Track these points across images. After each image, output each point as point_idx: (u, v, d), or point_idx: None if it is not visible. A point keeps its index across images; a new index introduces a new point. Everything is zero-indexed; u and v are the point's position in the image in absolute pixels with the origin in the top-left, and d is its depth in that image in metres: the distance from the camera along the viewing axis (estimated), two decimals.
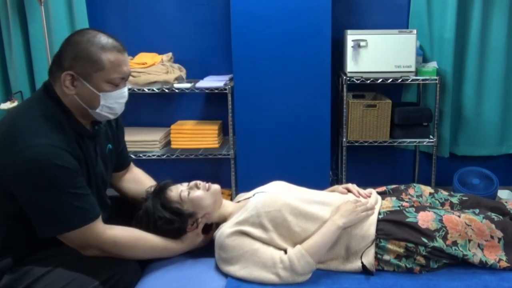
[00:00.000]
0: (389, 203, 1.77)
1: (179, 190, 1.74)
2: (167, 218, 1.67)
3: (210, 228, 1.79)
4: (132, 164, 2.02)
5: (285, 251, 1.60)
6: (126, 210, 1.83)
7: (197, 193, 1.73)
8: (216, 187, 1.78)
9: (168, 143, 3.29)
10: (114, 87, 1.57)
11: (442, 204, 1.87)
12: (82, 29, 1.61)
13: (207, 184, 1.77)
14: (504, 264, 1.62)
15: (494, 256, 1.64)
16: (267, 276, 1.57)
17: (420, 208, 1.73)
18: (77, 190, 1.49)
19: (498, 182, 3.20)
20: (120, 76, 1.57)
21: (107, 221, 1.63)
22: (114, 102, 1.59)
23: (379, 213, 1.71)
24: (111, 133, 1.81)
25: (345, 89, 3.05)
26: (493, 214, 1.73)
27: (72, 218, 1.48)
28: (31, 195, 1.46)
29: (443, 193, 1.92)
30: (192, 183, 1.77)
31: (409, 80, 3.07)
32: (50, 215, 1.47)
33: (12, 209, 1.50)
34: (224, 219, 1.77)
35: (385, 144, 3.17)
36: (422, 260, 1.62)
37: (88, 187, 1.56)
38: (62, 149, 1.47)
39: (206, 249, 1.75)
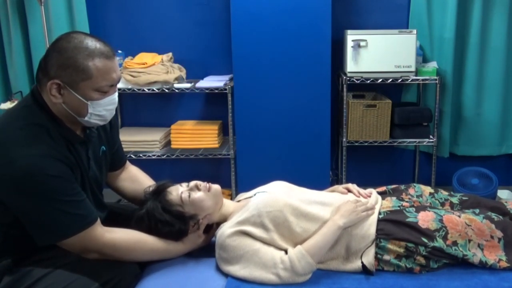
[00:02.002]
0: (389, 203, 1.77)
1: (179, 192, 1.71)
2: (168, 222, 1.66)
3: (211, 227, 1.79)
4: (128, 163, 2.00)
5: (286, 252, 1.61)
6: (124, 214, 1.82)
7: (198, 194, 1.71)
8: (216, 187, 1.76)
9: (168, 143, 3.29)
10: (102, 94, 1.52)
11: (442, 204, 1.87)
12: (68, 34, 1.52)
13: (207, 185, 1.75)
14: (504, 264, 1.62)
15: (494, 256, 1.64)
16: (268, 276, 1.57)
17: (420, 208, 1.73)
18: (71, 197, 1.47)
19: (497, 181, 3.20)
20: (109, 84, 1.52)
21: (106, 221, 1.63)
22: (103, 109, 1.55)
23: (379, 213, 1.71)
24: (105, 135, 1.77)
25: (345, 89, 3.05)
26: (493, 214, 1.73)
27: (69, 225, 1.47)
28: (25, 207, 1.44)
29: (443, 193, 1.92)
30: (192, 183, 1.75)
31: (409, 80, 3.07)
32: (47, 225, 1.46)
33: (7, 218, 1.49)
34: (224, 219, 1.76)
35: (385, 144, 3.18)
36: (422, 260, 1.62)
37: (83, 191, 1.54)
38: (53, 157, 1.44)
39: (206, 249, 1.75)
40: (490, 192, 3.16)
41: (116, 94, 1.59)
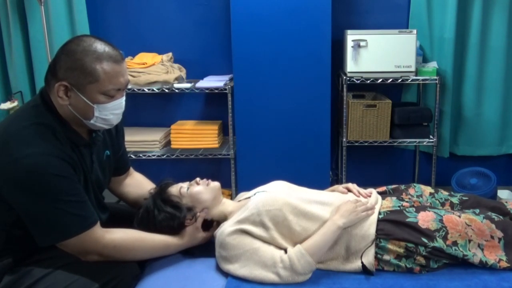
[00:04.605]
0: (389, 203, 1.77)
1: (179, 187, 1.77)
2: (165, 211, 1.70)
3: (211, 225, 1.80)
4: (132, 169, 2.01)
5: (285, 251, 1.61)
6: (124, 214, 1.83)
7: (196, 188, 1.76)
8: (215, 183, 1.81)
9: (168, 143, 3.29)
10: (109, 98, 1.52)
11: (442, 204, 1.87)
12: (78, 37, 1.53)
13: (207, 181, 1.80)
14: (504, 264, 1.62)
15: (494, 256, 1.64)
16: (267, 275, 1.57)
17: (420, 208, 1.73)
18: (73, 197, 1.47)
19: (496, 179, 3.19)
20: (115, 88, 1.52)
21: (107, 223, 1.63)
22: (109, 113, 1.55)
23: (379, 213, 1.71)
24: (110, 139, 1.78)
25: (345, 89, 3.05)
26: (493, 214, 1.73)
27: (70, 226, 1.47)
28: (27, 205, 1.44)
29: (443, 193, 1.92)
30: (193, 181, 1.80)
31: (409, 80, 3.07)
32: (48, 224, 1.46)
33: (10, 217, 1.49)
34: (224, 217, 1.77)
35: (385, 144, 3.17)
36: (422, 260, 1.62)
37: (85, 193, 1.54)
38: (57, 157, 1.45)
39: (206, 249, 1.76)
40: (490, 190, 3.15)
41: (124, 98, 1.59)
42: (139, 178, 2.00)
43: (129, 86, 3.06)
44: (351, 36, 2.98)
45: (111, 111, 1.55)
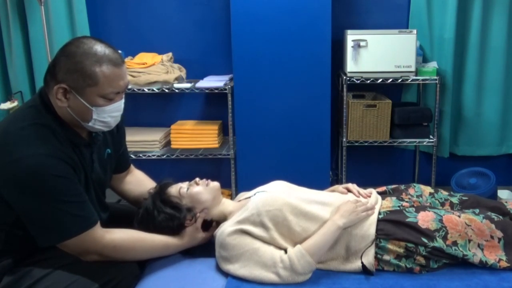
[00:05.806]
0: (389, 203, 1.77)
1: (178, 187, 1.77)
2: (165, 212, 1.70)
3: (210, 225, 1.80)
4: (132, 166, 2.01)
5: (285, 251, 1.61)
6: (124, 214, 1.83)
7: (196, 189, 1.76)
8: (215, 183, 1.81)
9: (168, 143, 3.29)
10: (108, 101, 1.52)
11: (442, 204, 1.87)
12: (78, 39, 1.52)
13: (206, 181, 1.80)
14: (504, 264, 1.62)
15: (494, 256, 1.64)
16: (267, 275, 1.57)
17: (420, 208, 1.73)
18: (73, 198, 1.47)
19: (495, 178, 3.19)
20: (115, 91, 1.51)
21: (108, 222, 1.63)
22: (107, 116, 1.54)
23: (379, 213, 1.71)
24: (111, 138, 1.78)
25: (345, 89, 3.05)
26: (493, 214, 1.73)
27: (70, 227, 1.47)
28: (27, 206, 1.44)
29: (443, 193, 1.92)
30: (193, 181, 1.79)
31: (409, 80, 3.07)
32: (48, 225, 1.46)
33: (10, 217, 1.49)
34: (224, 218, 1.78)
35: (385, 144, 3.18)
36: (422, 260, 1.62)
37: (85, 193, 1.54)
38: (57, 157, 1.45)
39: (206, 249, 1.76)
40: (490, 189, 3.15)
41: (123, 101, 1.59)
42: (139, 176, 2.00)
43: (129, 86, 3.06)
44: (351, 36, 2.98)
45: (110, 114, 1.55)
